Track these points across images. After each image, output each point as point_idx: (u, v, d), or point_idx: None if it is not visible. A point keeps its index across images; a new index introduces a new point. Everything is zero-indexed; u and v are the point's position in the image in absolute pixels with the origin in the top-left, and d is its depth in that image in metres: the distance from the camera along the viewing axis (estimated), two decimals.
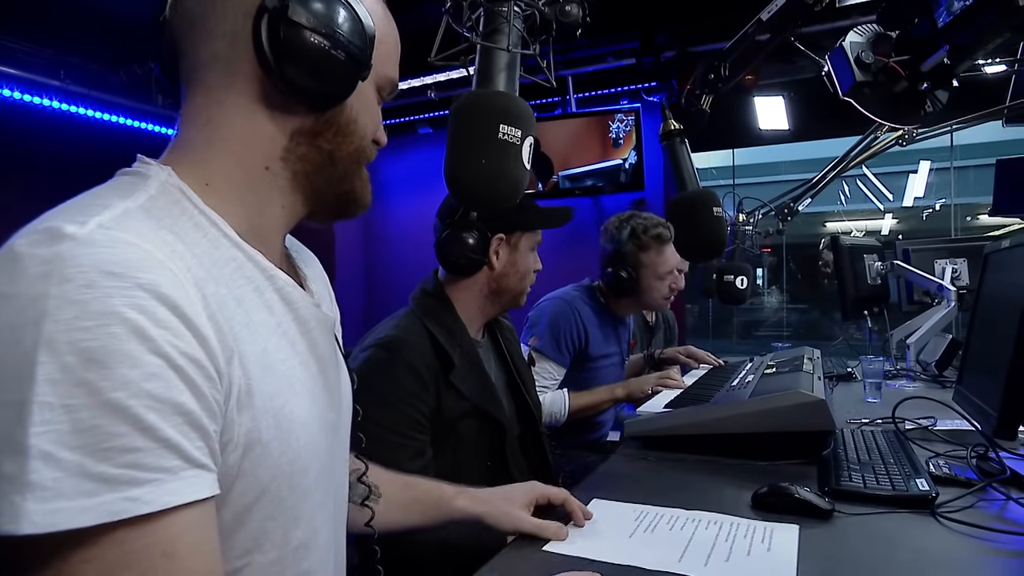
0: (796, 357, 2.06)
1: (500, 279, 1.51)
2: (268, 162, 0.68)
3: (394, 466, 1.23)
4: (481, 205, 0.94)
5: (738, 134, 4.13)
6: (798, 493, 1.11)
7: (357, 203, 0.76)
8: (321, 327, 0.73)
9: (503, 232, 1.50)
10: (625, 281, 2.24)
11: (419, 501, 1.08)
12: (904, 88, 1.27)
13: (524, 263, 1.54)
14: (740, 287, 2.16)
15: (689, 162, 1.46)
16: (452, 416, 1.38)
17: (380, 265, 5.41)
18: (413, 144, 5.29)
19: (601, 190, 4.47)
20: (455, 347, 1.41)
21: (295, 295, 0.70)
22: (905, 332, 2.60)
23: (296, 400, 0.66)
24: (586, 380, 2.23)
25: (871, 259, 2.79)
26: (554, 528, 1.02)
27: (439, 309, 1.47)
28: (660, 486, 1.27)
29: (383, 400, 1.30)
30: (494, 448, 1.44)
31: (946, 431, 1.54)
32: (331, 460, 0.74)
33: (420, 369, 1.34)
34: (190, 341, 0.55)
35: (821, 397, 1.38)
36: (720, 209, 1.39)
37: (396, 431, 1.30)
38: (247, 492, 0.61)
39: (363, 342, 1.43)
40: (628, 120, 4.38)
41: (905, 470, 1.23)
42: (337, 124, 0.70)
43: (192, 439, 0.54)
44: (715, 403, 1.60)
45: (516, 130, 0.88)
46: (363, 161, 0.74)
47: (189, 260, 0.59)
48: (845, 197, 7.86)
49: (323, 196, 0.73)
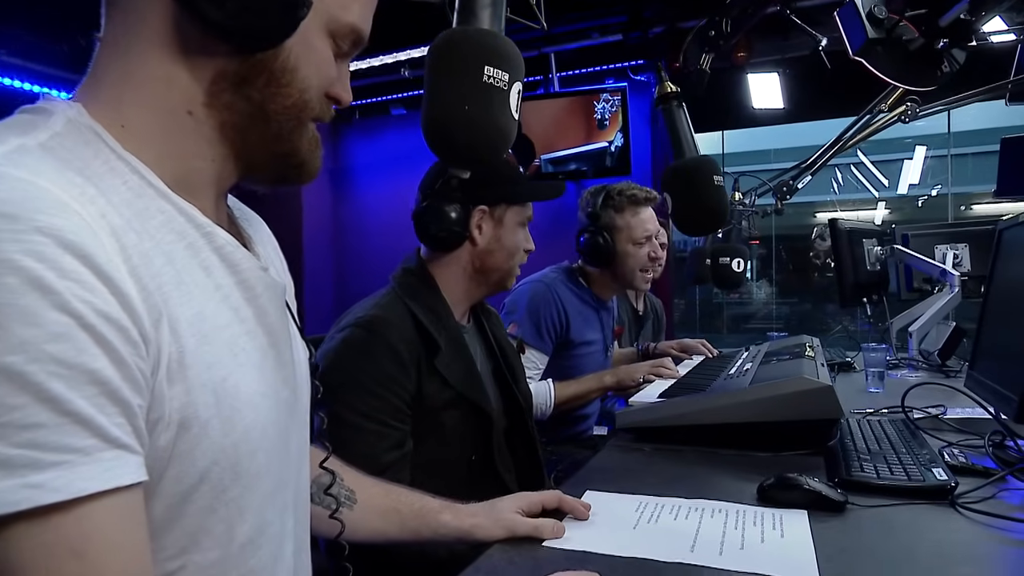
0: (795, 345, 2.05)
1: (484, 256, 1.46)
2: (190, 106, 0.60)
3: (371, 458, 1.20)
4: (463, 159, 0.88)
5: (730, 114, 4.12)
6: (808, 484, 1.08)
7: (301, 168, 0.67)
8: (270, 293, 0.67)
9: (486, 204, 1.44)
10: (601, 247, 2.20)
11: (399, 511, 1.02)
12: (920, 46, 1.23)
13: (511, 240, 1.48)
14: (737, 270, 2.13)
15: (687, 127, 1.42)
16: (435, 405, 1.33)
17: (351, 256, 5.34)
18: (386, 126, 5.22)
19: (585, 174, 4.44)
20: (440, 329, 1.36)
21: (238, 256, 0.64)
22: (906, 320, 2.59)
23: (241, 373, 0.60)
24: (567, 369, 2.18)
25: (870, 244, 2.77)
26: (550, 526, 0.98)
27: (422, 289, 1.42)
28: (657, 478, 1.24)
29: (360, 384, 1.25)
30: (479, 442, 1.39)
31: (958, 419, 1.53)
32: (285, 443, 0.68)
33: (401, 352, 1.29)
34: (106, 297, 0.48)
35: (828, 383, 1.37)
36: (720, 178, 1.35)
37: (374, 418, 1.25)
38: (182, 480, 0.55)
39: (339, 323, 1.37)
40: (614, 100, 4.34)
41: (920, 460, 1.22)
42: (269, 71, 0.61)
43: (110, 414, 0.48)
44: (713, 392, 1.58)
45: (503, 73, 0.82)
46: (306, 119, 0.65)
47: (104, 206, 0.53)
48: (838, 185, 7.91)
49: (256, 155, 0.65)
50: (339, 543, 0.88)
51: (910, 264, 2.70)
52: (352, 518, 0.95)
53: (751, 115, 3.89)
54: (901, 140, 6.77)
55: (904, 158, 5.80)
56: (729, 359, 2.15)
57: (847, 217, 2.71)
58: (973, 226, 2.69)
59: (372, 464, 1.17)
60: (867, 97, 2.53)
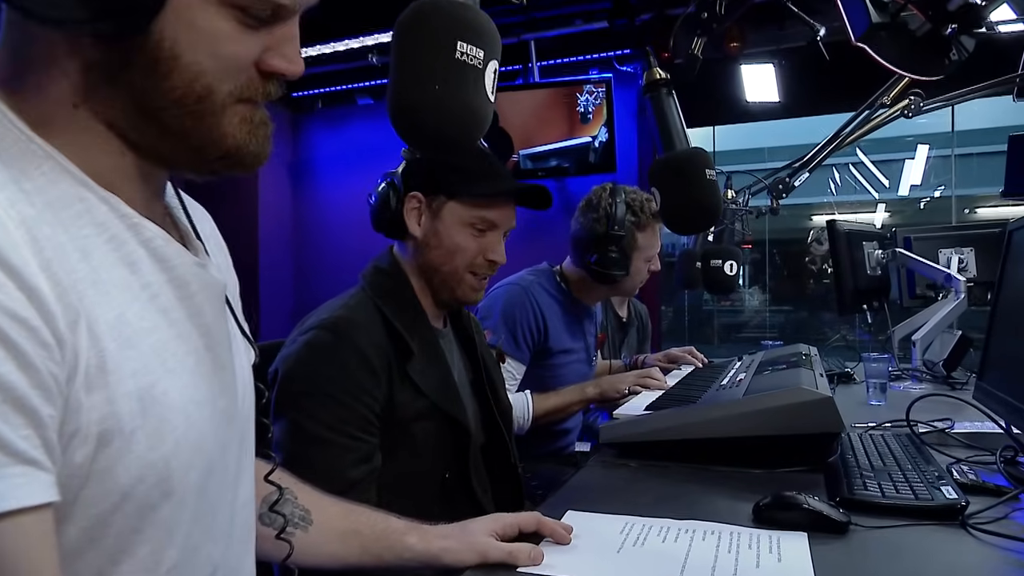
0: (792, 354, 2.05)
1: (423, 251, 1.43)
2: (74, 98, 0.57)
3: (336, 473, 1.18)
4: (433, 144, 0.85)
5: (722, 108, 4.14)
6: (808, 503, 1.07)
7: (233, 158, 0.62)
8: (207, 291, 0.64)
9: (420, 191, 1.41)
10: (616, 265, 2.14)
11: (360, 533, 0.99)
12: (926, 32, 1.23)
13: (450, 238, 1.40)
14: (729, 273, 2.13)
15: (677, 117, 1.40)
16: (406, 415, 1.31)
17: (313, 257, 5.29)
18: (351, 117, 5.19)
19: (567, 171, 4.44)
20: (413, 333, 1.34)
21: (170, 251, 0.61)
22: (908, 329, 2.60)
23: (170, 379, 0.57)
24: (547, 380, 2.16)
25: (871, 247, 2.79)
26: (527, 551, 0.95)
27: (394, 288, 1.40)
28: (644, 497, 1.23)
29: (325, 392, 1.23)
30: (454, 457, 1.37)
31: (966, 434, 1.53)
32: (223, 456, 0.65)
33: (371, 357, 1.27)
34: (11, 292, 0.46)
35: (827, 394, 1.37)
36: (714, 172, 1.33)
37: (340, 430, 1.22)
38: (102, 499, 0.53)
39: (302, 324, 1.35)
40: (598, 92, 4.35)
41: (927, 477, 1.22)
42: (141, 62, 0.55)
43: (16, 425, 0.45)
44: (704, 404, 1.58)
45: (477, 50, 0.80)
46: (213, 109, 0.59)
47: (12, 192, 0.50)
48: (835, 186, 7.99)
49: (165, 150, 0.61)
50: (288, 568, 0.85)
51: (913, 269, 2.72)
52: (307, 541, 0.92)
53: (744, 109, 3.91)
54: (902, 139, 6.85)
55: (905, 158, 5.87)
56: (721, 369, 2.14)
57: (845, 220, 2.72)
58: (979, 229, 2.71)
59: (337, 480, 1.15)
60: (867, 91, 2.55)
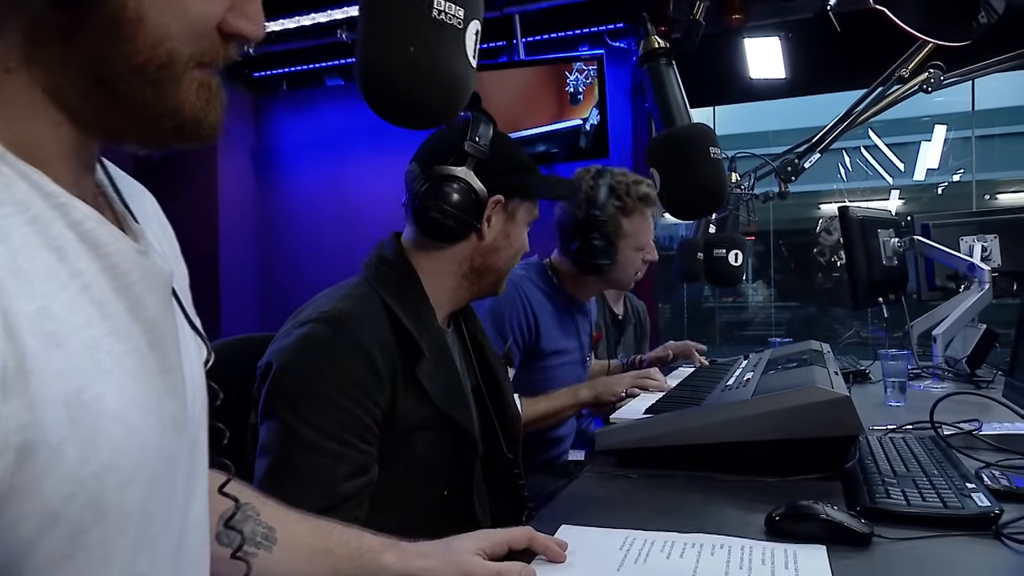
0: (803, 351, 2.05)
1: (488, 254, 1.43)
2: (9, 63, 0.54)
3: (326, 486, 1.16)
4: (407, 114, 0.82)
5: (723, 86, 4.12)
6: (826, 513, 1.07)
7: (185, 129, 0.60)
8: (149, 281, 0.61)
9: (502, 193, 1.41)
10: (600, 253, 2.14)
11: (331, 552, 0.96)
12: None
13: (519, 238, 1.48)
14: (734, 263, 2.11)
15: (678, 90, 1.39)
16: (407, 425, 1.28)
17: (279, 251, 5.28)
18: (319, 99, 5.17)
19: (556, 157, 4.43)
20: (423, 332, 1.31)
21: (104, 235, 0.58)
22: (928, 323, 2.60)
23: (106, 382, 0.54)
24: (538, 383, 2.14)
25: (886, 235, 2.78)
26: (517, 571, 0.94)
27: (402, 283, 1.37)
28: (645, 509, 1.23)
29: (321, 392, 1.19)
30: (456, 472, 1.35)
31: (996, 435, 1.53)
32: (170, 469, 0.62)
33: (376, 356, 1.23)
34: None
35: (844, 393, 1.36)
36: (718, 149, 1.31)
37: (336, 436, 1.18)
38: (26, 521, 0.50)
39: (297, 315, 1.31)
40: (589, 71, 4.34)
41: (955, 483, 1.22)
42: (101, 24, 0.54)
43: None
44: (709, 406, 1.57)
45: (457, 8, 0.78)
46: (174, 76, 0.58)
47: None
48: (846, 171, 8.02)
49: (115, 120, 0.59)
50: None
51: (932, 258, 2.72)
52: (270, 561, 0.90)
53: (747, 87, 3.90)
54: (918, 120, 6.86)
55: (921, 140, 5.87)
56: (726, 368, 2.13)
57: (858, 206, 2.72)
58: (1004, 215, 2.71)
59: (328, 494, 1.14)
60: (882, 65, 2.54)
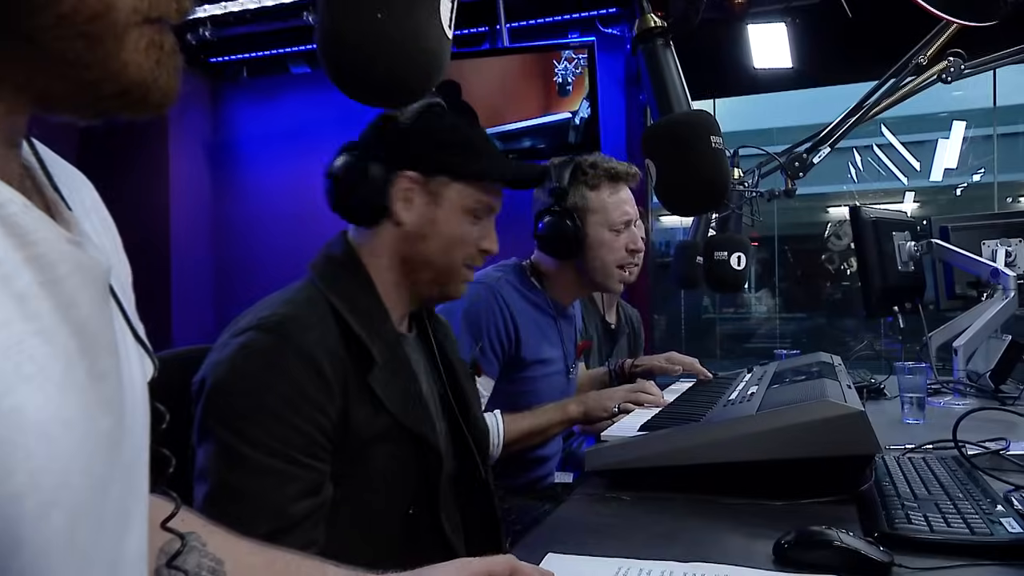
0: (812, 364, 2.07)
1: (415, 243, 1.41)
2: None
3: (275, 509, 1.15)
4: (374, 89, 0.81)
5: (724, 78, 4.14)
6: (841, 540, 1.07)
7: (136, 94, 0.58)
8: (82, 277, 0.58)
9: (418, 170, 1.39)
10: (568, 234, 2.15)
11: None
12: None
13: (451, 226, 1.42)
14: (737, 267, 2.11)
15: (676, 74, 1.38)
16: (363, 437, 1.28)
17: (237, 254, 5.28)
18: (283, 88, 5.19)
19: (543, 154, 4.44)
20: (375, 336, 1.32)
21: (29, 222, 0.55)
22: (948, 334, 2.61)
23: (26, 391, 0.51)
24: (518, 397, 2.14)
25: (902, 238, 2.79)
26: None
27: (351, 283, 1.37)
28: (640, 535, 1.24)
29: (264, 406, 1.19)
30: (421, 488, 1.35)
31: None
32: (103, 496, 0.59)
33: (323, 364, 1.23)
34: None
35: (859, 408, 1.37)
36: (720, 139, 1.31)
37: (281, 454, 1.18)
38: None
39: (235, 324, 1.31)
40: (579, 59, 4.37)
41: (983, 508, 1.22)
42: None
43: None
44: (710, 422, 1.58)
45: None
46: (118, 30, 0.55)
47: None
48: (856, 171, 8.08)
49: (51, 85, 0.56)
50: None
51: (952, 263, 2.73)
52: None
53: (751, 78, 3.92)
54: (935, 116, 6.93)
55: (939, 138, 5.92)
56: (728, 382, 2.15)
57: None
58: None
59: (276, 517, 1.13)
60: (897, 54, 2.56)
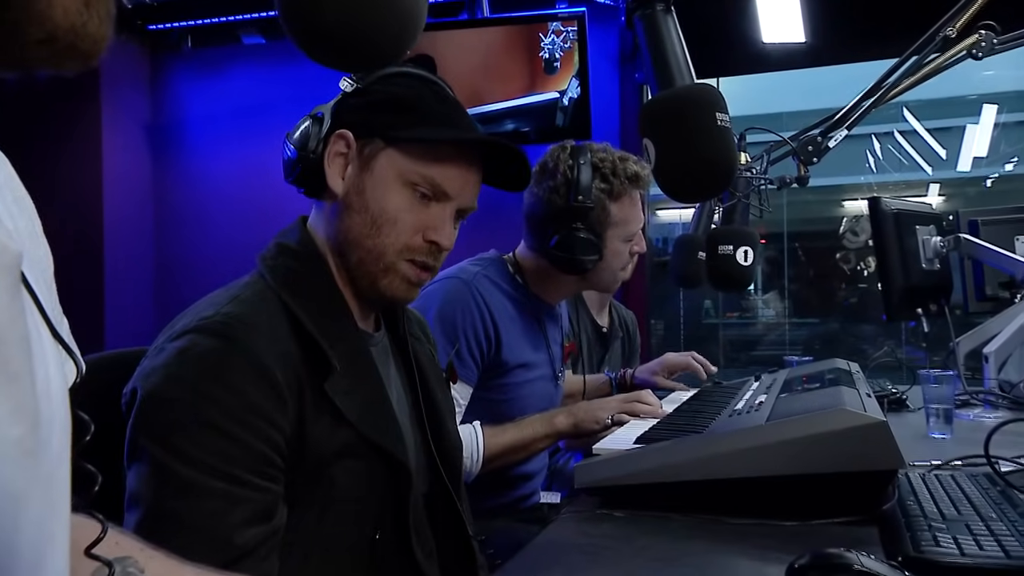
0: (827, 370, 2.06)
1: (342, 216, 1.38)
2: None
3: (217, 536, 1.13)
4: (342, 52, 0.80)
5: (730, 53, 4.15)
6: (861, 564, 1.06)
7: (64, 41, 0.56)
8: None
9: (350, 129, 1.37)
10: (586, 247, 2.12)
11: None
12: None
13: (378, 199, 1.36)
14: (743, 262, 2.11)
15: (678, 44, 1.38)
16: (323, 453, 1.26)
17: (181, 250, 5.26)
18: (233, 61, 5.18)
19: (527, 138, 4.45)
20: (334, 339, 1.30)
21: None
22: (978, 340, 2.62)
23: None
24: (500, 405, 2.15)
25: (926, 232, 2.80)
26: None
27: (307, 277, 1.36)
28: (638, 559, 1.25)
29: (204, 420, 1.16)
30: (389, 510, 1.34)
31: None
32: (12, 514, 0.58)
33: (273, 371, 1.21)
34: None
35: (880, 418, 1.37)
36: (726, 116, 1.31)
37: (225, 474, 1.15)
38: None
39: (172, 327, 1.29)
40: (568, 33, 4.37)
41: (1019, 529, 1.22)
42: None
43: None
44: (713, 434, 1.58)
45: None
46: None
47: None
48: (875, 161, 8.12)
49: None
50: None
51: (982, 261, 2.74)
52: None
53: (759, 55, 3.94)
54: (963, 99, 6.95)
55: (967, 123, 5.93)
56: (734, 390, 2.16)
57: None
58: None
59: (221, 547, 1.11)
60: (921, 28, 2.56)
